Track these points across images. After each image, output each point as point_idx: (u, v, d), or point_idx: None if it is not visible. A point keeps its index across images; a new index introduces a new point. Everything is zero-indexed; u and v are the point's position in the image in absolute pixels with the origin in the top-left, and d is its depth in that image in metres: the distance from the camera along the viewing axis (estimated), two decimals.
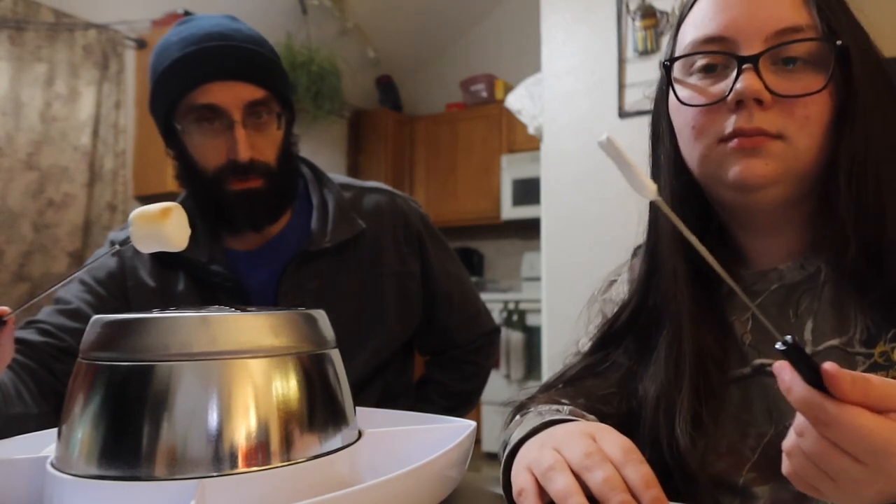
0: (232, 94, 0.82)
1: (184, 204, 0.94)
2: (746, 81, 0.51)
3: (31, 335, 0.83)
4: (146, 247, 0.49)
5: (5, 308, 0.50)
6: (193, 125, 0.83)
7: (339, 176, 1.02)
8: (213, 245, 0.90)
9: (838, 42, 0.50)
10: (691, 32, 0.56)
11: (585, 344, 0.66)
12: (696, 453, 0.54)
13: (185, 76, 0.82)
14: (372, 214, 0.97)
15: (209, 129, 0.83)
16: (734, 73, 0.52)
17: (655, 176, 0.62)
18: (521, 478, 0.44)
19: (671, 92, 0.57)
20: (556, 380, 0.64)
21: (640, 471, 0.40)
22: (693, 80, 0.56)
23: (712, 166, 0.55)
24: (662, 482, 0.55)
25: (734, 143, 0.52)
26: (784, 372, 0.36)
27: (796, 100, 0.51)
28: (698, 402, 0.55)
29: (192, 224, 0.91)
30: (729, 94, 0.52)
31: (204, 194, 0.87)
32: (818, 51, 0.51)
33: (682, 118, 0.57)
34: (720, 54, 0.54)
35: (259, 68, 0.85)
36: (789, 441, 0.39)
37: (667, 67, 0.57)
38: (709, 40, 0.54)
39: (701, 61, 0.55)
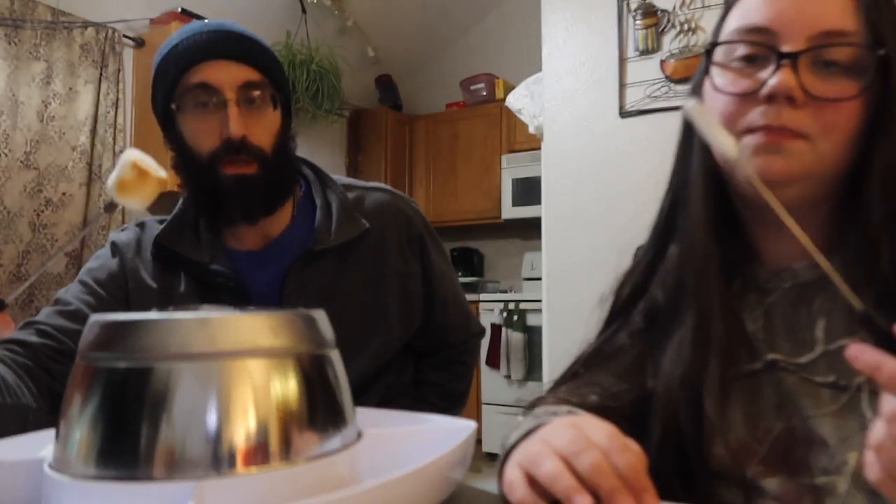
0: (225, 74, 0.83)
1: (185, 204, 0.94)
2: (782, 78, 0.51)
3: (29, 336, 0.82)
4: (145, 204, 0.52)
5: None
6: (189, 106, 0.85)
7: (340, 177, 1.02)
8: (215, 245, 0.91)
9: (881, 52, 0.50)
10: (737, 19, 0.56)
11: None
12: (709, 430, 0.55)
13: (181, 59, 0.84)
14: (375, 214, 0.97)
15: (203, 111, 0.84)
16: (772, 67, 0.52)
17: (686, 162, 0.62)
18: (510, 473, 0.44)
19: (707, 77, 0.57)
20: (567, 373, 0.65)
21: (625, 458, 0.40)
22: (732, 66, 0.56)
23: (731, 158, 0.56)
24: (670, 471, 0.55)
25: (758, 136, 0.52)
26: (865, 352, 0.36)
27: (827, 103, 0.51)
28: (725, 381, 0.55)
29: (194, 224, 0.92)
30: (763, 86, 0.52)
31: (199, 182, 0.87)
32: (859, 57, 0.51)
33: (714, 104, 0.57)
34: (762, 46, 0.53)
35: (253, 51, 0.87)
36: (878, 434, 0.36)
37: (708, 52, 0.57)
38: (753, 30, 0.54)
39: (742, 50, 0.55)
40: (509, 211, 3.82)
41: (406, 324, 0.98)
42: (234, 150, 0.83)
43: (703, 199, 0.59)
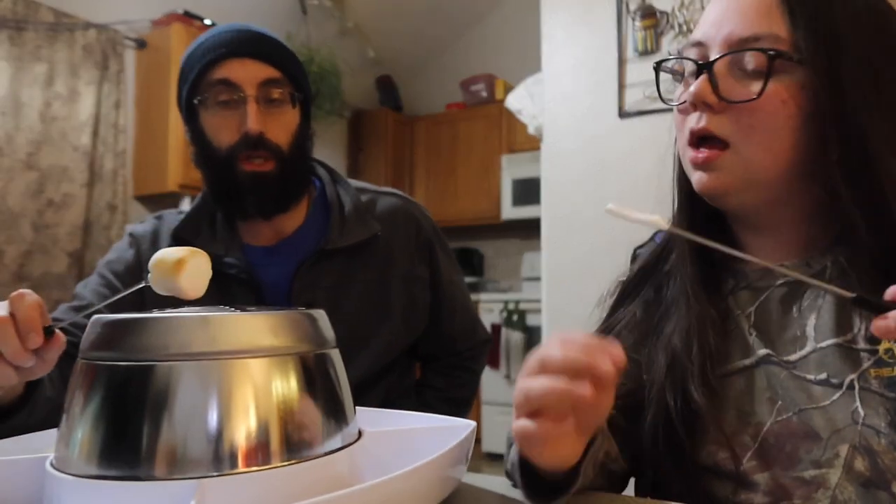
0: (246, 71, 0.86)
1: (203, 198, 0.96)
2: (696, 87, 0.55)
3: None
4: (162, 291, 0.52)
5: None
6: (210, 102, 0.87)
7: (354, 180, 1.03)
8: (230, 240, 0.93)
9: (770, 52, 0.52)
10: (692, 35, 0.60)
11: None
12: (702, 425, 0.55)
13: (205, 55, 0.87)
14: (386, 218, 0.98)
15: (224, 107, 0.87)
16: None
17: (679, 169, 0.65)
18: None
19: (658, 90, 0.61)
20: None
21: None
22: (683, 80, 0.60)
23: (686, 169, 0.60)
24: (663, 466, 0.55)
25: (690, 156, 0.57)
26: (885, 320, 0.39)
27: (742, 108, 0.53)
28: (708, 363, 0.57)
29: (210, 218, 0.93)
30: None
31: (217, 176, 0.90)
32: (766, 60, 0.53)
33: (673, 117, 0.61)
34: (688, 60, 0.58)
35: (274, 50, 0.89)
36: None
37: (655, 69, 0.62)
38: (694, 44, 0.58)
39: (687, 65, 0.59)
40: (509, 211, 3.82)
41: (410, 327, 0.99)
42: (251, 145, 0.86)
43: (683, 199, 0.63)
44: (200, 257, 0.52)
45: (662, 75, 0.61)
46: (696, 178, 0.57)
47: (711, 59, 0.55)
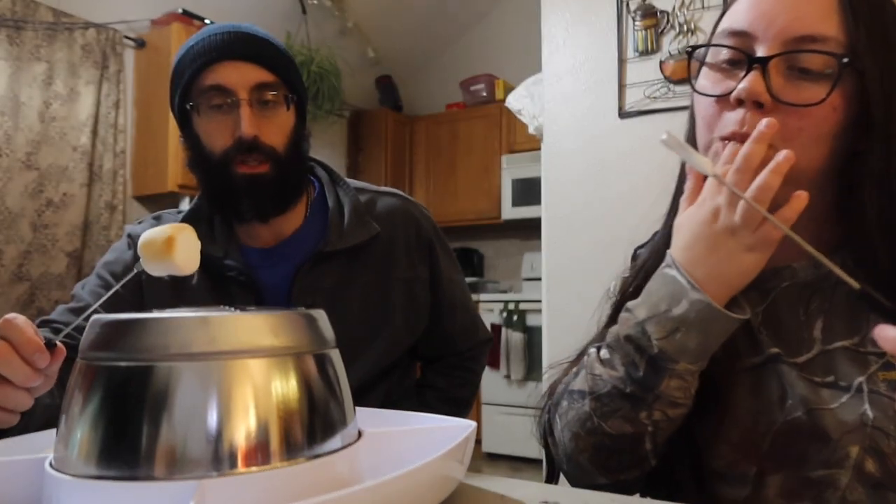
0: (239, 75, 0.85)
1: (200, 199, 0.96)
2: (749, 83, 0.51)
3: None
4: (157, 272, 0.51)
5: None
6: (203, 107, 0.86)
7: (353, 180, 1.03)
8: (229, 242, 0.92)
9: (844, 60, 0.50)
10: (725, 22, 0.57)
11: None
12: (712, 425, 0.55)
13: (196, 60, 0.86)
14: (386, 218, 0.98)
15: (217, 111, 0.86)
16: (744, 71, 0.52)
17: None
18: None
19: (690, 78, 0.58)
20: (575, 358, 0.65)
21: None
22: (717, 69, 0.56)
23: None
24: (674, 469, 0.54)
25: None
26: (886, 329, 0.39)
27: (794, 110, 0.51)
28: (720, 375, 0.56)
29: (209, 219, 0.93)
30: (734, 91, 0.53)
31: (212, 180, 0.89)
32: (830, 64, 0.51)
33: (698, 106, 0.58)
34: (736, 50, 0.54)
35: (267, 52, 0.88)
36: None
37: (688, 53, 0.59)
38: (734, 33, 0.55)
39: (724, 53, 0.55)
40: (509, 211, 3.83)
41: (411, 328, 0.99)
42: (245, 149, 0.85)
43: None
44: (187, 231, 0.51)
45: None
46: None
47: (760, 54, 0.52)
